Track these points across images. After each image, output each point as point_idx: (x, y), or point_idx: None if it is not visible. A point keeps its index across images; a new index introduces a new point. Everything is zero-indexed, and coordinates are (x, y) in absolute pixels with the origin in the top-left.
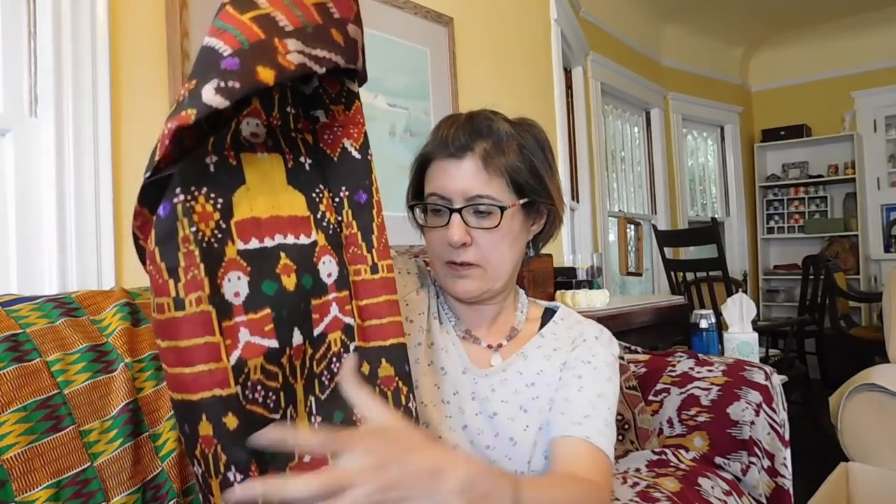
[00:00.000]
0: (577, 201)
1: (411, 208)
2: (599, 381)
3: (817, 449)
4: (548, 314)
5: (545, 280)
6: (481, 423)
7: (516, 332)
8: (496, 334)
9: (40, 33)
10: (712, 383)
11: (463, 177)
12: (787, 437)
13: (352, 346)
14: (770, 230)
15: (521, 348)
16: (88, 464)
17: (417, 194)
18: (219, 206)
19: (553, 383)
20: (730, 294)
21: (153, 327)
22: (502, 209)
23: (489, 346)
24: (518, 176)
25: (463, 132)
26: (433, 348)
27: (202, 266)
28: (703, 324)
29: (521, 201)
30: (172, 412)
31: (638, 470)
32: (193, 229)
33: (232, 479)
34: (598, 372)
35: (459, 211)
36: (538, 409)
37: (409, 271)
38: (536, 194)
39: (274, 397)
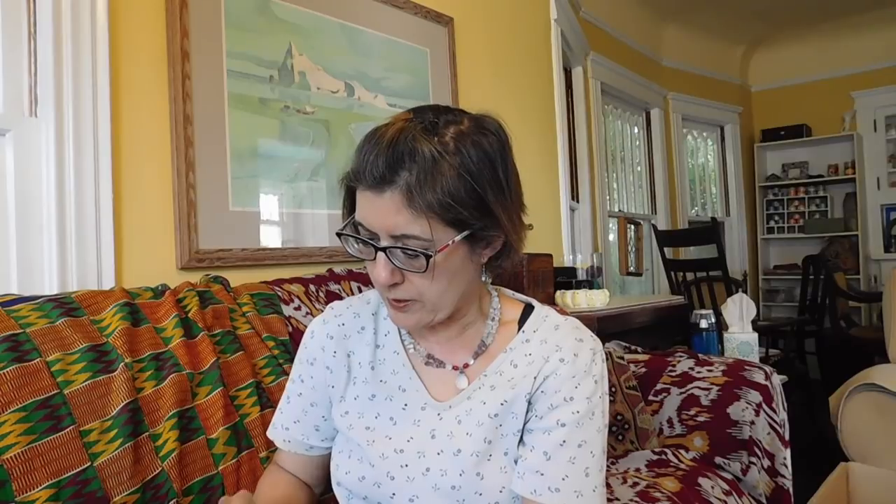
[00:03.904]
0: (577, 201)
1: (339, 236)
2: (582, 423)
3: (817, 449)
4: (525, 315)
5: (545, 280)
6: (445, 463)
7: (485, 348)
8: (463, 351)
9: (40, 33)
10: (712, 383)
11: (385, 213)
12: (787, 437)
13: None
14: (770, 230)
15: (487, 369)
16: (88, 464)
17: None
18: None
19: (520, 414)
20: (730, 294)
21: None
22: (428, 256)
23: (454, 368)
24: (452, 211)
25: (383, 161)
26: (374, 400)
27: None
28: (703, 324)
29: (460, 236)
30: (172, 412)
31: (638, 470)
32: None
33: None
34: (581, 414)
35: (385, 250)
36: (502, 436)
37: (325, 349)
38: (481, 226)
39: None
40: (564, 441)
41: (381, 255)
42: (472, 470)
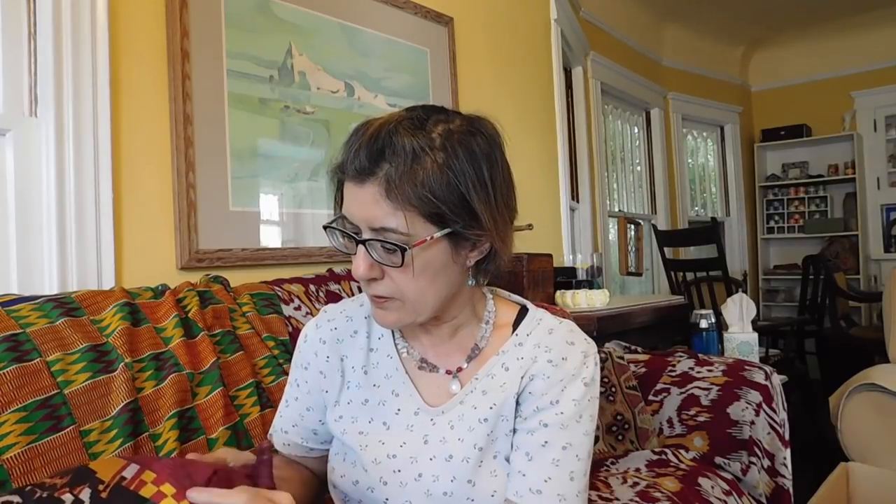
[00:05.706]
0: (577, 201)
1: (326, 229)
2: (568, 426)
3: (817, 449)
4: (520, 317)
5: (545, 280)
6: (437, 469)
7: (478, 351)
8: (457, 355)
9: (40, 33)
10: (712, 383)
11: (365, 205)
12: (787, 437)
13: None
14: (770, 230)
15: (478, 372)
16: None
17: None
18: None
19: (509, 416)
20: (730, 294)
21: None
22: (403, 249)
23: (447, 372)
24: (431, 205)
25: (365, 153)
26: (367, 405)
27: None
28: (703, 324)
29: (440, 233)
30: (172, 412)
31: (638, 470)
32: None
33: None
34: (566, 416)
35: (364, 242)
36: (492, 441)
37: (318, 353)
38: (462, 224)
39: None
40: (547, 442)
41: (360, 247)
42: (463, 476)
